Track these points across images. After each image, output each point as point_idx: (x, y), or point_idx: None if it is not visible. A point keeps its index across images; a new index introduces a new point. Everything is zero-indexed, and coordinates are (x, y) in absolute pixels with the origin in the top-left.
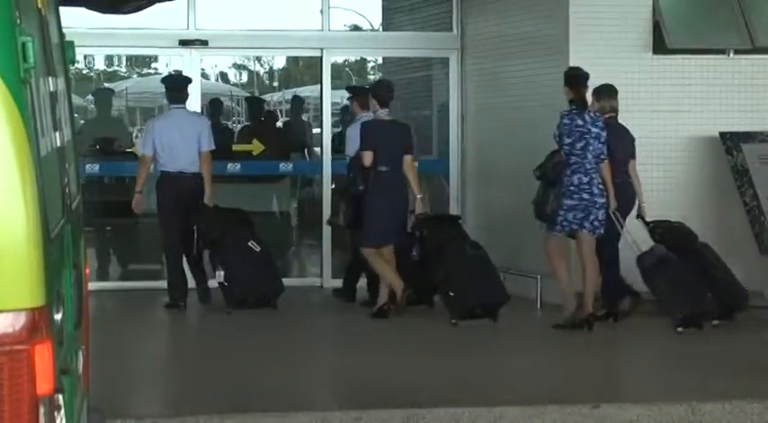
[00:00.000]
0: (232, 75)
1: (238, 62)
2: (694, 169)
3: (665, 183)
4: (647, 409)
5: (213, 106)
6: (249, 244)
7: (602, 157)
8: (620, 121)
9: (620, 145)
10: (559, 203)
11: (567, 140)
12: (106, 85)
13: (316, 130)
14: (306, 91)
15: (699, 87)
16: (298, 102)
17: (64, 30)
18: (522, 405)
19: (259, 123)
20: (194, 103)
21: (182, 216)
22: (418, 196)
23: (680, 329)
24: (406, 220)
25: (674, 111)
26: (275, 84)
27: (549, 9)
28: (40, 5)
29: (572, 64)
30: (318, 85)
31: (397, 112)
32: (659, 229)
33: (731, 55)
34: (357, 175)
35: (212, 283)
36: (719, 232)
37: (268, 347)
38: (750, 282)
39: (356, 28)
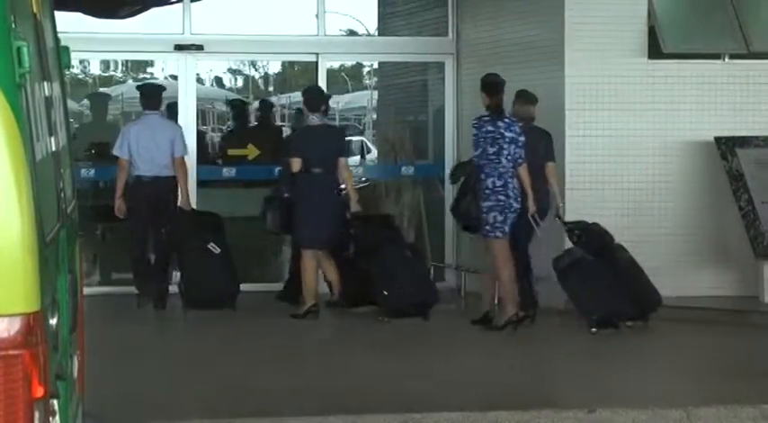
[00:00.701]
0: (227, 79)
1: (233, 67)
2: (689, 174)
3: (661, 187)
4: (643, 414)
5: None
6: (209, 246)
7: (520, 161)
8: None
9: (535, 149)
10: (478, 207)
11: (480, 146)
12: (102, 89)
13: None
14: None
15: (694, 92)
16: (267, 106)
17: (60, 34)
18: (517, 409)
19: (245, 128)
20: (190, 107)
21: (154, 219)
22: (353, 197)
23: (594, 330)
24: (340, 221)
25: (670, 115)
26: (270, 88)
27: (544, 14)
28: (35, 10)
29: (567, 68)
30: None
31: (392, 117)
32: (576, 231)
33: (726, 59)
34: (285, 182)
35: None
36: (714, 236)
37: (242, 351)
38: (745, 286)
39: (352, 32)
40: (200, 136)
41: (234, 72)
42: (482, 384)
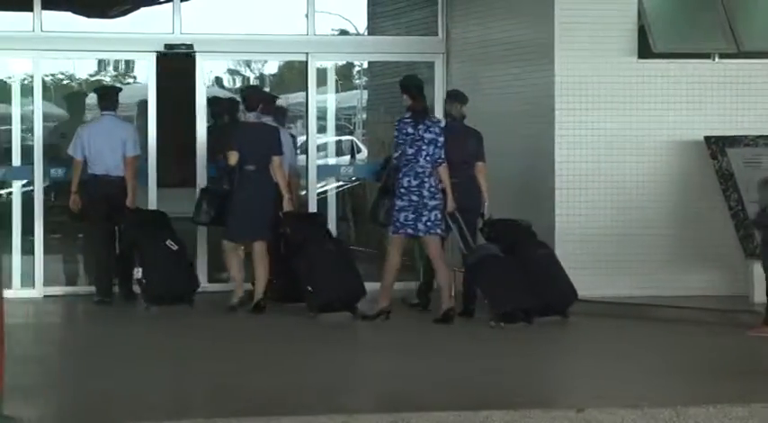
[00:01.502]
0: (225, 80)
1: (229, 67)
2: (679, 173)
3: (650, 186)
4: (633, 413)
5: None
6: (167, 243)
7: (440, 160)
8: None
9: (461, 148)
10: (392, 205)
11: (399, 147)
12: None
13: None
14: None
15: (684, 91)
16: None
17: (51, 33)
18: (508, 409)
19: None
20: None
21: (107, 216)
22: (285, 196)
23: (492, 323)
24: (271, 217)
25: (659, 115)
26: (266, 89)
27: (534, 14)
28: None
29: (558, 68)
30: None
31: (382, 116)
32: (487, 228)
33: (716, 59)
34: (223, 175)
35: None
36: (704, 236)
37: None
38: (734, 286)
39: (342, 32)
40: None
41: (229, 72)
42: (470, 383)
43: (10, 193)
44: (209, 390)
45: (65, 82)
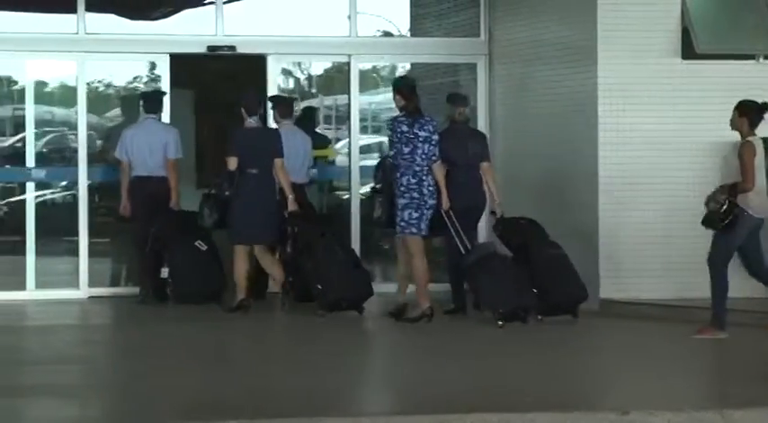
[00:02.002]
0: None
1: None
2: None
3: (694, 187)
4: (678, 416)
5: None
6: (196, 243)
7: (434, 158)
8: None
9: (465, 149)
10: (395, 204)
11: (395, 146)
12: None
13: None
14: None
15: (727, 92)
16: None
17: (94, 35)
18: (552, 411)
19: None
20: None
21: (148, 217)
22: (290, 196)
23: (500, 323)
24: (275, 219)
25: (703, 116)
26: (313, 90)
27: (577, 14)
28: None
29: (600, 69)
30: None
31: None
32: (499, 226)
33: (760, 60)
34: (224, 180)
35: None
36: None
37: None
38: None
39: (384, 34)
40: None
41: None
42: (510, 385)
43: (54, 195)
44: (252, 390)
45: (108, 84)
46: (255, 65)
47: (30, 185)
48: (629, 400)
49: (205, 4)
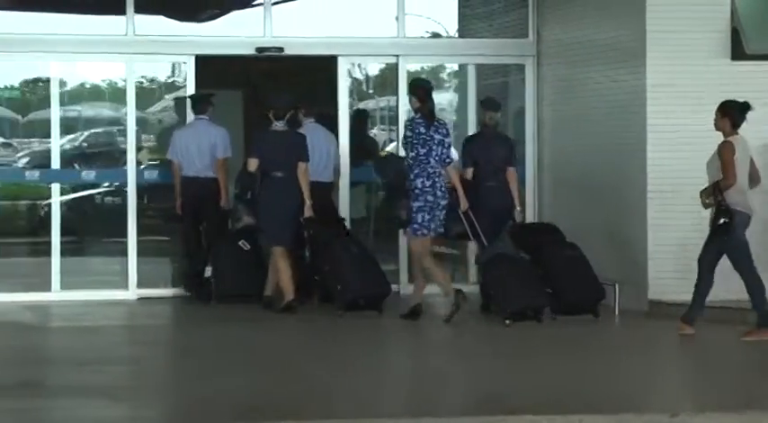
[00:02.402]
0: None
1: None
2: None
3: None
4: (730, 418)
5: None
6: (239, 243)
7: (448, 160)
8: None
9: (494, 154)
10: (409, 207)
11: (414, 148)
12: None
13: None
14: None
15: None
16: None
17: (142, 37)
18: (600, 413)
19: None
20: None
21: (193, 217)
22: (307, 202)
23: (507, 322)
24: (298, 223)
25: (752, 117)
26: (371, 91)
27: (625, 15)
28: None
29: (649, 70)
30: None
31: (470, 117)
32: (515, 231)
33: None
34: (240, 181)
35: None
36: None
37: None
38: None
39: (432, 35)
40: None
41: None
42: (556, 387)
43: (104, 196)
44: (303, 391)
45: (157, 85)
46: (305, 65)
47: (80, 187)
48: (677, 402)
49: (253, 6)
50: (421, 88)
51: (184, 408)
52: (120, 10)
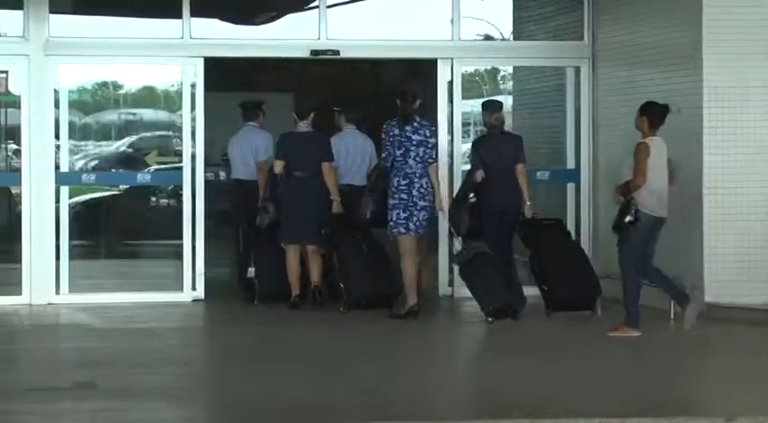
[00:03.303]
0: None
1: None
2: None
3: None
4: None
5: None
6: (282, 244)
7: (430, 161)
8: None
9: (500, 153)
10: (368, 205)
11: (386, 149)
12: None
13: None
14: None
15: None
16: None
17: (198, 40)
18: (654, 417)
19: None
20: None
21: (240, 219)
22: (335, 199)
23: (490, 320)
24: (320, 221)
25: None
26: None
27: (682, 16)
28: None
29: (706, 71)
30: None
31: (528, 121)
32: (522, 227)
33: None
34: (271, 184)
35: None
36: None
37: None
38: None
39: (486, 37)
40: None
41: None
42: (607, 389)
43: (162, 198)
44: (358, 393)
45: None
46: (358, 68)
47: (138, 188)
48: (735, 405)
49: (308, 9)
50: (404, 93)
51: (238, 409)
52: (177, 14)
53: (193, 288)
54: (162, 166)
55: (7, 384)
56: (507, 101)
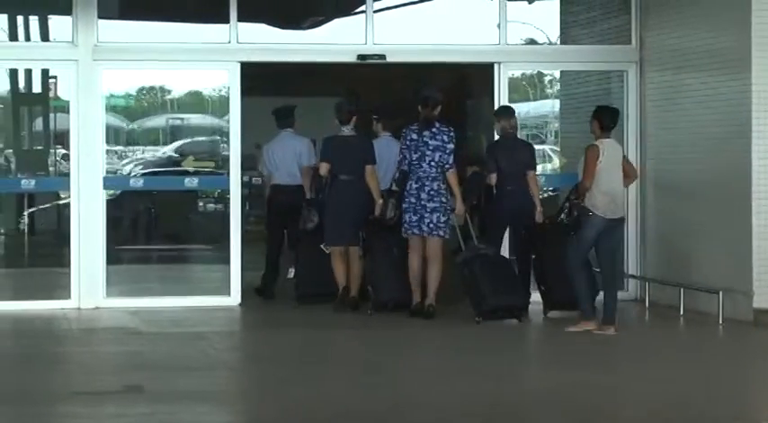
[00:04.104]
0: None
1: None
2: None
3: None
4: None
5: None
6: (321, 246)
7: (447, 166)
8: None
9: (513, 159)
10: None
11: (403, 153)
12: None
13: None
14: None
15: None
16: None
17: (246, 45)
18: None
19: None
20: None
21: (281, 220)
22: (378, 201)
23: (477, 319)
24: (362, 223)
25: None
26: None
27: (730, 20)
28: None
29: (755, 76)
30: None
31: (575, 125)
32: (523, 231)
33: None
34: (317, 186)
35: None
36: None
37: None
38: None
39: (532, 41)
40: None
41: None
42: (652, 395)
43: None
44: (399, 396)
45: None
46: (406, 72)
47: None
48: None
49: (355, 14)
50: (425, 98)
51: (285, 412)
52: (225, 19)
53: (237, 292)
54: (202, 170)
55: (55, 387)
56: (554, 105)
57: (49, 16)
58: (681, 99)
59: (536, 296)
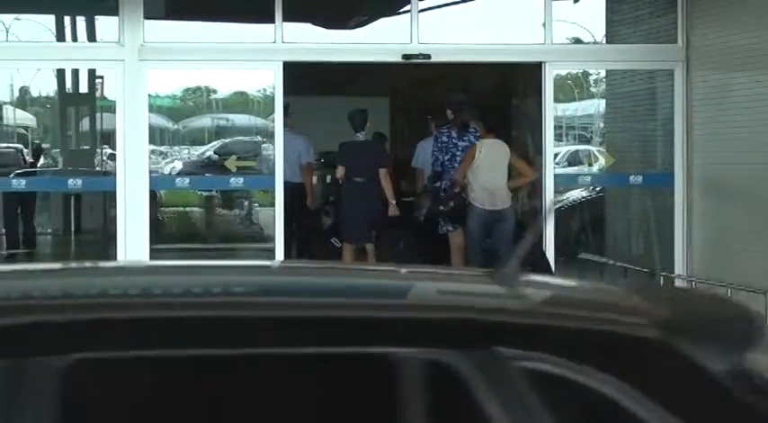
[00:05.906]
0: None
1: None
2: None
3: None
4: None
5: None
6: (332, 240)
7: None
8: None
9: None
10: (421, 207)
11: (434, 155)
12: None
13: None
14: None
15: None
16: None
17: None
18: None
19: None
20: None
21: (289, 217)
22: (391, 202)
23: None
24: (376, 223)
25: None
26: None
27: None
28: None
29: None
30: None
31: (620, 125)
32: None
33: None
34: (331, 188)
35: None
36: None
37: None
38: None
39: (577, 40)
40: None
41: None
42: None
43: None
44: None
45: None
46: (450, 71)
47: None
48: None
49: (400, 14)
50: (455, 102)
51: None
52: (269, 18)
53: None
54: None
55: None
56: (600, 105)
57: (95, 16)
58: (728, 99)
59: None
